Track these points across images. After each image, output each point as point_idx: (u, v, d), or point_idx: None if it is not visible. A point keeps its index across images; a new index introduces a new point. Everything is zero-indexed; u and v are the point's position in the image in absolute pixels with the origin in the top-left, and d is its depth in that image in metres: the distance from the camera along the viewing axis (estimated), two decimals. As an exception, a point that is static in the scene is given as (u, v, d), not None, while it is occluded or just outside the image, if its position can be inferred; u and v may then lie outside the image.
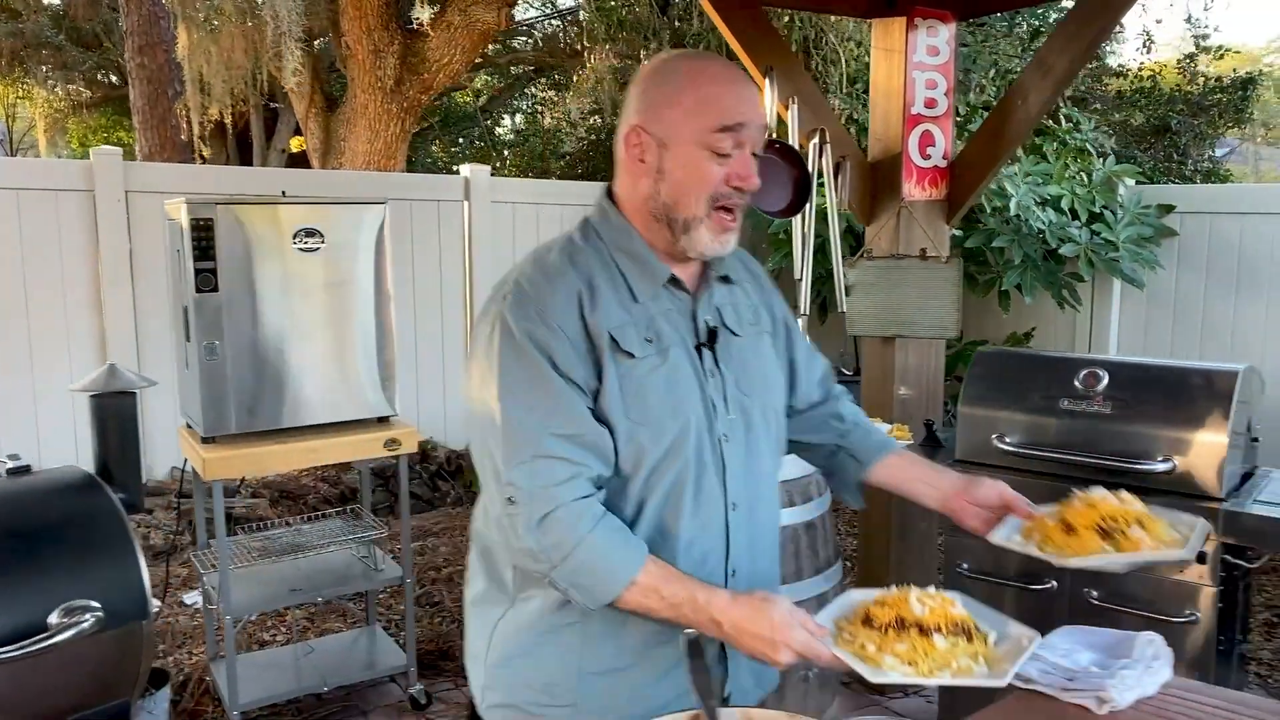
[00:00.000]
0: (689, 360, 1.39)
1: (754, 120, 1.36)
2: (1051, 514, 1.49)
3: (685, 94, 1.35)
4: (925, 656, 1.24)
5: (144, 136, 10.28)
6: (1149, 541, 1.36)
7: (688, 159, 1.34)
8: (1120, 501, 1.47)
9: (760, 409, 1.46)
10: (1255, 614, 4.13)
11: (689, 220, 1.36)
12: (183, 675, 3.37)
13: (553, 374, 1.30)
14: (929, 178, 3.29)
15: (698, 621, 1.27)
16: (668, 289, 1.40)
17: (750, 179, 1.35)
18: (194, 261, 2.88)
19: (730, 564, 1.42)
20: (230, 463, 2.94)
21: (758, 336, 1.51)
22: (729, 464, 1.40)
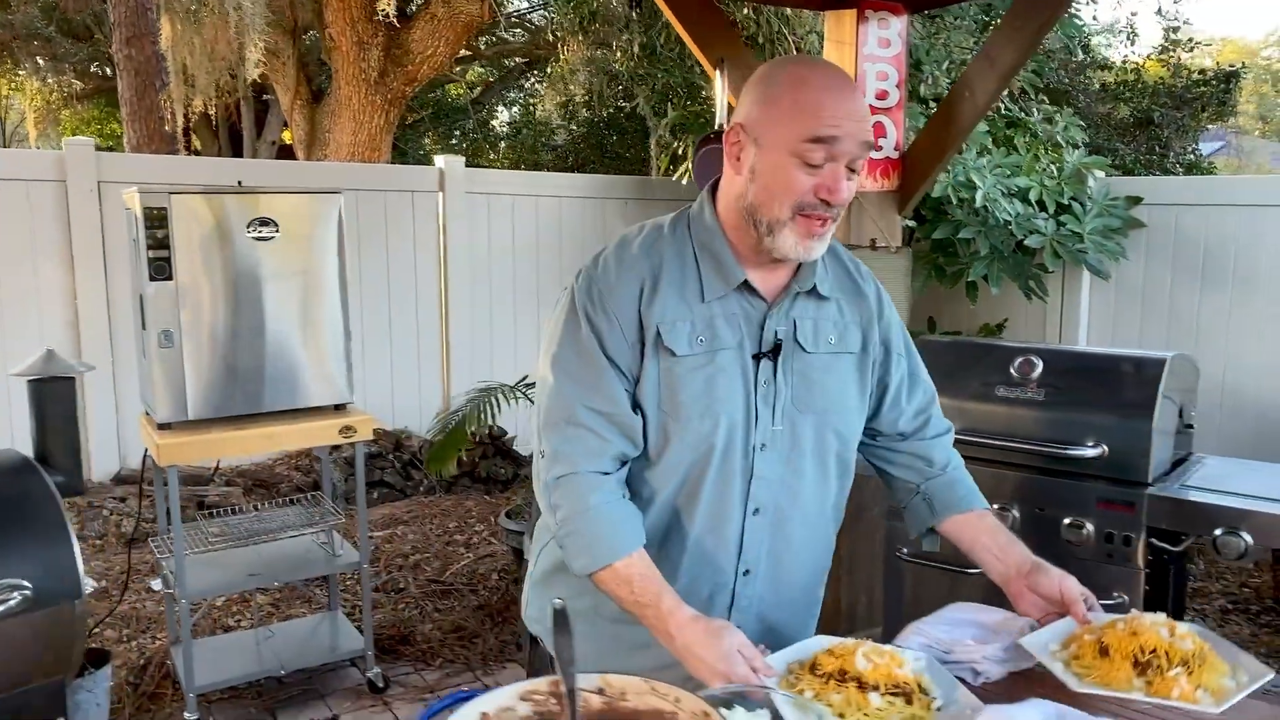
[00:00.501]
0: (740, 366, 1.41)
1: (852, 134, 1.33)
2: (1096, 628, 1.39)
3: (785, 98, 1.34)
4: (856, 711, 1.25)
5: (131, 128, 10.29)
6: (1185, 688, 1.23)
7: (777, 164, 1.34)
8: (1171, 635, 1.32)
9: (815, 427, 1.46)
10: (1211, 600, 4.18)
11: (772, 223, 1.36)
12: (144, 659, 3.42)
13: (600, 354, 1.39)
14: (880, 169, 3.32)
15: (654, 627, 1.33)
16: (740, 293, 1.42)
17: (838, 193, 1.34)
18: (148, 250, 2.92)
19: (743, 564, 1.47)
20: (186, 449, 2.98)
21: (835, 357, 1.48)
22: (759, 471, 1.43)
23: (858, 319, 1.51)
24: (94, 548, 4.48)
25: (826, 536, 1.59)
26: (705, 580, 1.47)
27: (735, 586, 1.48)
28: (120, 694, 3.21)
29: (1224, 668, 1.30)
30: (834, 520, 1.59)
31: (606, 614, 1.45)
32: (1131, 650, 1.29)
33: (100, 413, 4.93)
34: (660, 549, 1.45)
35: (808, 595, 1.60)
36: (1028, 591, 1.48)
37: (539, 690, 1.10)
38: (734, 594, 1.49)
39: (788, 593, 1.53)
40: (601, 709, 1.09)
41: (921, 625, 1.46)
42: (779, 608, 1.54)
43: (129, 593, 3.95)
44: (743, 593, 1.49)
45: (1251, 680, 1.26)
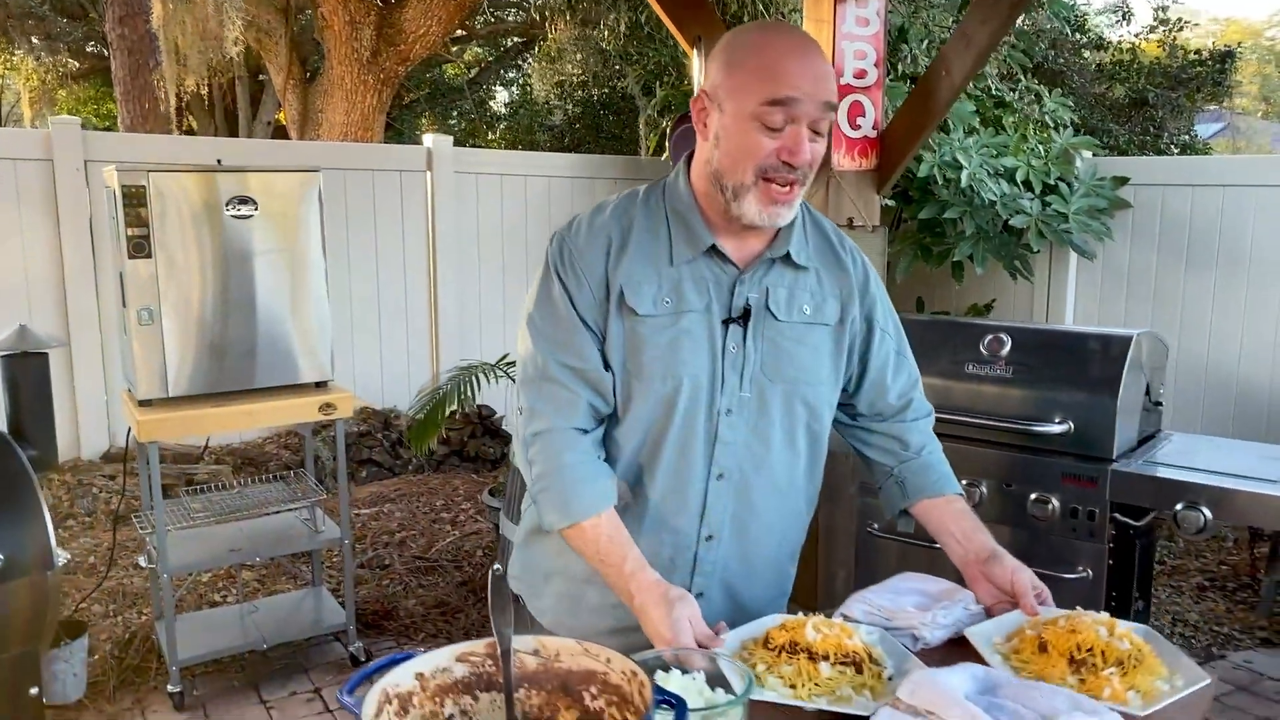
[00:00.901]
0: (707, 330, 1.43)
1: (811, 95, 1.33)
2: (1038, 623, 1.39)
3: (746, 63, 1.35)
4: (808, 681, 1.28)
5: (125, 108, 10.28)
6: (1116, 688, 1.23)
7: (739, 128, 1.35)
8: (1110, 634, 1.32)
9: (783, 396, 1.46)
10: (1189, 578, 4.22)
11: (736, 187, 1.37)
12: (129, 633, 3.46)
13: (571, 313, 1.43)
14: (858, 148, 3.33)
15: (616, 586, 1.36)
16: (709, 258, 1.43)
17: (799, 155, 1.34)
18: (126, 228, 2.94)
19: (706, 529, 1.48)
20: (166, 425, 3.01)
21: (809, 327, 1.48)
22: (723, 436, 1.44)
23: (837, 291, 1.51)
24: (83, 524, 4.52)
25: (796, 509, 1.58)
26: (666, 542, 1.48)
27: (698, 550, 1.48)
28: (104, 667, 3.25)
29: (1161, 670, 1.30)
30: (805, 494, 1.58)
31: (577, 573, 1.49)
32: (1068, 647, 1.31)
33: (89, 390, 4.96)
34: (623, 507, 1.47)
35: (777, 569, 1.59)
36: (983, 579, 1.50)
37: (475, 652, 1.12)
38: (696, 558, 1.49)
39: (755, 564, 1.53)
40: (536, 670, 1.12)
41: (866, 594, 1.49)
42: (746, 578, 1.54)
43: (117, 569, 4.00)
44: (705, 557, 1.50)
45: (1187, 685, 1.26)
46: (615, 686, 1.07)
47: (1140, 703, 1.22)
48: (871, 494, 2.85)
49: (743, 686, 1.16)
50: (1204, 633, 3.71)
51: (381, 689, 1.04)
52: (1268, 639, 3.65)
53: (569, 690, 1.10)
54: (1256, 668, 3.43)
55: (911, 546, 2.76)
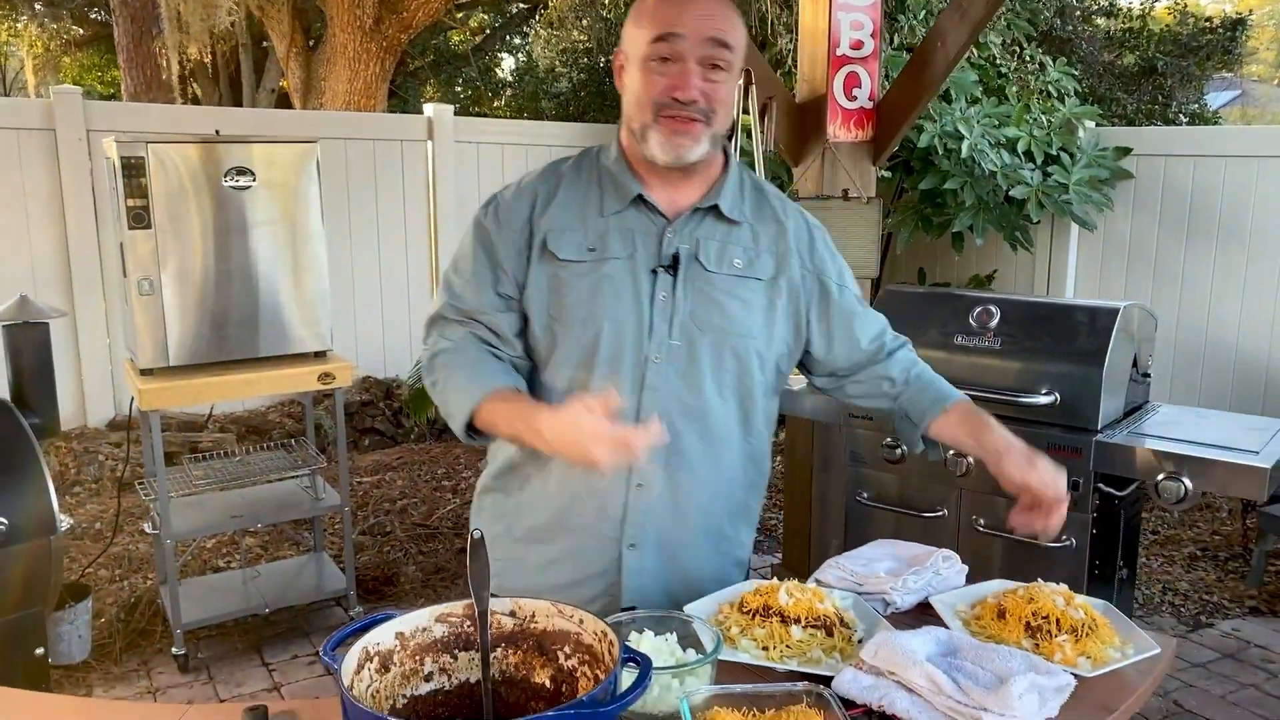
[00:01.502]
0: (631, 277, 1.46)
1: (696, 31, 1.38)
2: (999, 593, 1.45)
3: (643, 10, 1.43)
4: (779, 643, 1.32)
5: (129, 75, 10.26)
6: (1067, 654, 1.29)
7: (638, 72, 1.43)
8: (1066, 604, 1.38)
9: (713, 346, 1.48)
10: (1181, 547, 4.26)
11: (642, 128, 1.43)
12: (135, 597, 3.54)
13: (482, 260, 1.51)
14: (854, 119, 3.34)
15: (530, 436, 1.36)
16: (637, 209, 1.48)
17: (684, 89, 1.39)
18: (126, 199, 2.97)
19: (635, 476, 1.48)
20: (167, 394, 3.05)
21: (740, 280, 1.49)
22: (650, 382, 1.46)
23: (773, 249, 1.53)
24: (90, 491, 4.59)
25: (731, 464, 1.56)
26: (596, 487, 1.48)
27: (627, 498, 1.49)
28: (111, 630, 3.33)
29: (1114, 640, 1.35)
30: (742, 451, 1.57)
31: (517, 534, 1.55)
32: (1025, 614, 1.36)
33: (94, 358, 5.01)
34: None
35: (714, 530, 1.57)
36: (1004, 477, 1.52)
37: (454, 613, 1.17)
38: (626, 505, 1.49)
39: (689, 517, 1.52)
40: (513, 630, 1.16)
41: (840, 559, 1.53)
42: (680, 533, 1.53)
43: (123, 535, 4.07)
44: (635, 505, 1.49)
45: (1137, 653, 1.31)
46: (587, 646, 1.11)
47: (1090, 666, 1.26)
48: (862, 463, 2.89)
49: (711, 646, 1.20)
50: (1193, 601, 3.76)
51: (363, 647, 1.08)
52: (1256, 608, 3.69)
53: (544, 649, 1.15)
54: (1244, 635, 3.48)
55: (904, 515, 2.80)
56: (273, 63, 12.00)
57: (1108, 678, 1.26)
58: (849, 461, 2.90)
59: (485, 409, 1.42)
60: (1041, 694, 1.13)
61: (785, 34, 5.71)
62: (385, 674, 1.10)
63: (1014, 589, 1.43)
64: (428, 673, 1.14)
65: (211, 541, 4.06)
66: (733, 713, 1.08)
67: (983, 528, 2.64)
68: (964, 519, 2.69)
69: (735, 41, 1.42)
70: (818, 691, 1.11)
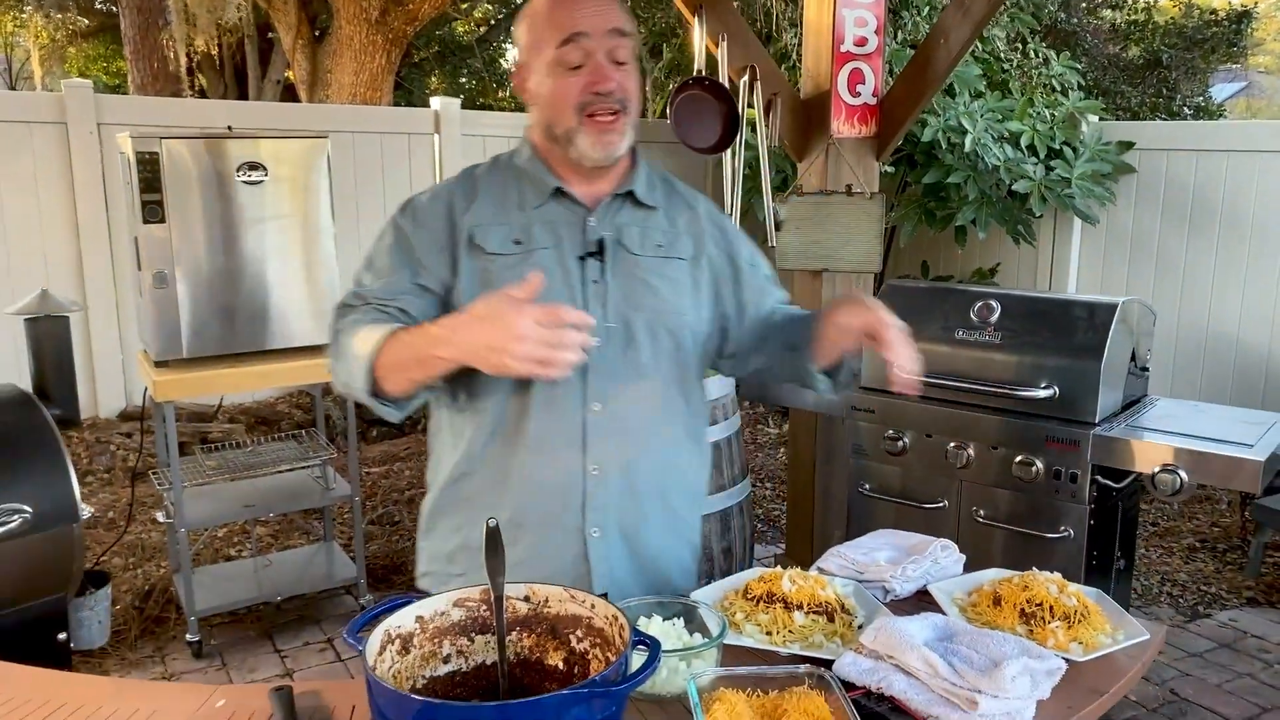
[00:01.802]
0: (560, 266, 1.49)
1: (597, 26, 1.43)
2: (995, 580, 1.50)
3: (537, 20, 1.47)
4: (783, 628, 1.37)
5: (135, 67, 10.30)
6: (1060, 639, 1.34)
7: (548, 78, 1.46)
8: (1060, 592, 1.42)
9: (647, 324, 1.53)
10: (1180, 539, 4.30)
11: (567, 132, 1.46)
12: (149, 585, 3.60)
13: (398, 257, 1.49)
14: (858, 115, 3.37)
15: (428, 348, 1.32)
16: (558, 201, 1.52)
17: (604, 81, 1.43)
18: (140, 193, 3.02)
19: (590, 461, 1.50)
20: (180, 385, 3.11)
21: (664, 260, 1.56)
22: (593, 365, 1.46)
23: (689, 230, 1.60)
24: (102, 481, 4.65)
25: (678, 438, 1.59)
26: (553, 475, 1.50)
27: (586, 485, 1.50)
28: (126, 617, 3.39)
29: (1105, 626, 1.40)
30: (685, 424, 1.60)
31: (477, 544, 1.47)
32: (1020, 601, 1.40)
33: (105, 351, 5.07)
34: (505, 446, 1.50)
35: (666, 504, 1.58)
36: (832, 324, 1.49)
37: (471, 597, 1.22)
38: (585, 493, 1.51)
39: (646, 498, 1.54)
40: (527, 614, 1.21)
41: (841, 549, 1.58)
42: (639, 513, 1.55)
43: (135, 524, 4.13)
44: (594, 493, 1.51)
45: (1127, 639, 1.36)
46: (598, 630, 1.16)
47: (1082, 651, 1.31)
48: (864, 455, 2.94)
49: (717, 630, 1.25)
50: (1191, 592, 3.81)
51: (384, 630, 1.13)
52: (1254, 598, 3.74)
53: (557, 633, 1.20)
54: (1241, 626, 3.52)
55: (905, 506, 2.85)
56: (278, 54, 12.02)
57: (1098, 662, 1.31)
58: (851, 454, 2.95)
59: (385, 349, 1.36)
60: (1033, 676, 1.18)
61: (790, 29, 5.73)
62: (406, 655, 1.16)
63: (1009, 577, 1.48)
64: (446, 655, 1.19)
65: (223, 531, 4.12)
66: (738, 693, 1.13)
67: (982, 519, 2.69)
68: (964, 510, 2.73)
69: (630, 29, 1.48)
70: (819, 674, 1.16)
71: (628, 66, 1.47)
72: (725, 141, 3.35)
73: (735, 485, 2.84)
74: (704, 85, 3.31)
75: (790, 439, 3.76)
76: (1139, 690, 3.03)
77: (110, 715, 1.20)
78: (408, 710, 1.00)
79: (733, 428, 2.85)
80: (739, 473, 2.88)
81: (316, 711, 1.22)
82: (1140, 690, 3.04)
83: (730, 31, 3.32)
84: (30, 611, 2.09)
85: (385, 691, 1.01)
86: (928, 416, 2.77)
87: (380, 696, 1.02)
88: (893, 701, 1.18)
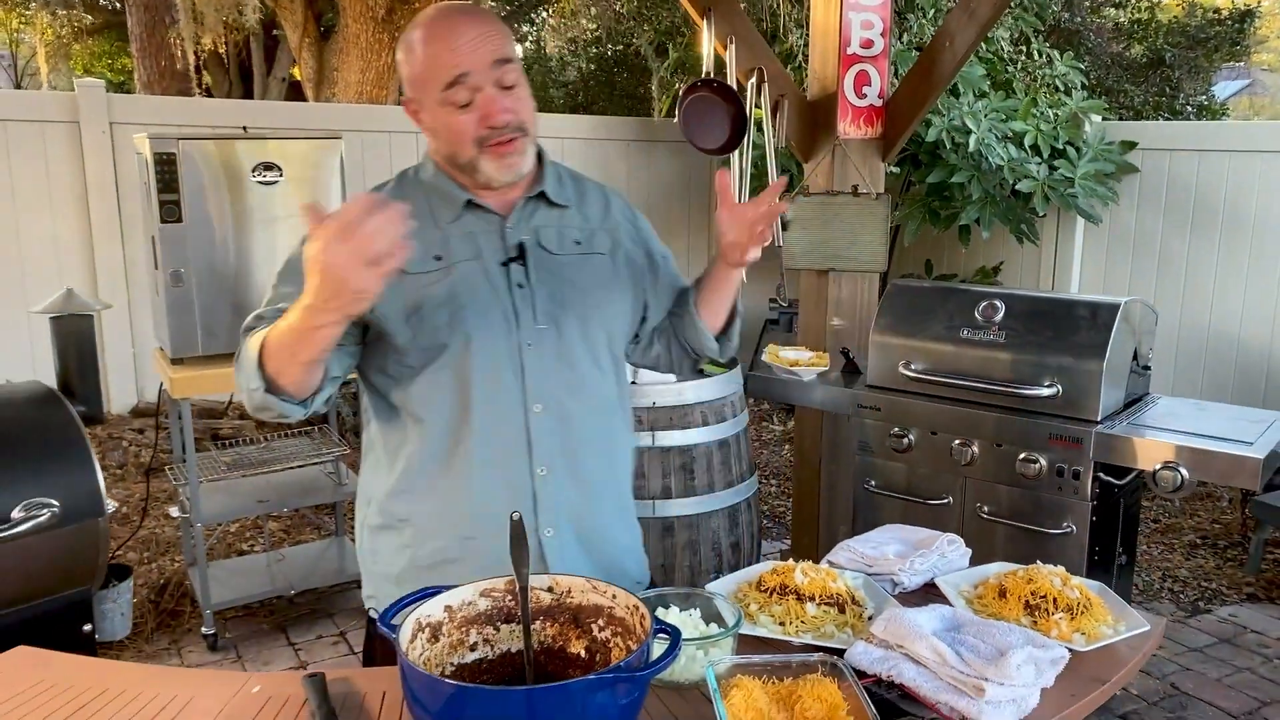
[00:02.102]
0: (485, 274, 1.50)
1: (477, 65, 1.42)
2: (1000, 574, 1.55)
3: (417, 61, 1.45)
4: (795, 619, 1.42)
5: (142, 65, 10.35)
6: (1063, 630, 1.38)
7: (440, 116, 1.45)
8: (1063, 584, 1.47)
9: (578, 321, 1.55)
10: (1182, 535, 4.35)
11: (469, 162, 1.47)
12: (164, 579, 3.65)
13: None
14: (864, 116, 3.42)
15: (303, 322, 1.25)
16: (471, 212, 1.52)
17: (496, 115, 1.43)
18: (158, 193, 3.07)
19: (536, 463, 1.52)
20: (196, 382, 3.16)
21: (584, 258, 1.58)
22: (529, 367, 1.51)
23: (603, 224, 1.63)
24: (115, 477, 4.71)
25: (621, 430, 1.64)
26: (501, 481, 1.52)
27: (535, 487, 1.52)
28: (143, 610, 3.45)
29: (1107, 618, 1.44)
30: (621, 414, 1.64)
31: (425, 561, 1.54)
32: (1024, 594, 1.45)
33: (117, 348, 5.12)
34: (452, 455, 1.51)
35: (620, 500, 1.63)
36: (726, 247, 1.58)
37: (497, 588, 1.26)
38: (535, 494, 1.52)
39: (598, 496, 1.57)
40: (551, 604, 1.26)
41: (850, 543, 1.63)
42: (590, 507, 1.57)
43: (149, 519, 4.19)
44: (544, 492, 1.53)
45: (1128, 630, 1.41)
46: (620, 619, 1.21)
47: (1084, 642, 1.36)
48: (870, 452, 2.98)
49: (733, 620, 1.30)
50: (1192, 588, 3.85)
51: (415, 619, 1.18)
52: (1254, 594, 3.79)
53: (579, 622, 1.24)
54: (1240, 621, 3.57)
55: (910, 503, 2.89)
56: (284, 51, 12.06)
57: (1100, 652, 1.36)
58: (857, 451, 2.99)
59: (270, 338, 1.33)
60: (1038, 665, 1.23)
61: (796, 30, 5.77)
62: (435, 643, 1.20)
63: (1014, 570, 1.53)
64: (473, 643, 1.24)
65: (235, 526, 4.18)
66: (754, 680, 1.18)
67: (986, 514, 2.74)
68: (968, 506, 2.78)
69: (512, 52, 1.47)
70: (832, 662, 1.21)
71: (517, 89, 1.46)
72: (733, 142, 3.40)
73: (743, 481, 2.89)
74: (712, 87, 3.36)
75: (796, 436, 3.81)
76: (1140, 684, 3.08)
77: (149, 701, 1.25)
78: (441, 695, 1.05)
79: (740, 425, 2.90)
80: (746, 469, 2.93)
81: (349, 698, 1.27)
82: (1141, 684, 3.08)
83: (738, 34, 3.37)
84: (57, 603, 2.14)
85: (420, 677, 1.06)
86: (933, 414, 2.81)
87: (415, 682, 1.06)
88: (902, 689, 1.23)
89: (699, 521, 2.78)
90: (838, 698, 1.14)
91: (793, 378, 3.12)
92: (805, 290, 3.62)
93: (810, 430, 3.65)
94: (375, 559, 1.61)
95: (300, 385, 1.37)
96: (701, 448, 2.76)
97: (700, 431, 2.76)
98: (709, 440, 2.78)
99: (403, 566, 1.56)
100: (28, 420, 2.16)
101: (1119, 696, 3.00)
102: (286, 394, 1.37)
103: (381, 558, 1.59)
